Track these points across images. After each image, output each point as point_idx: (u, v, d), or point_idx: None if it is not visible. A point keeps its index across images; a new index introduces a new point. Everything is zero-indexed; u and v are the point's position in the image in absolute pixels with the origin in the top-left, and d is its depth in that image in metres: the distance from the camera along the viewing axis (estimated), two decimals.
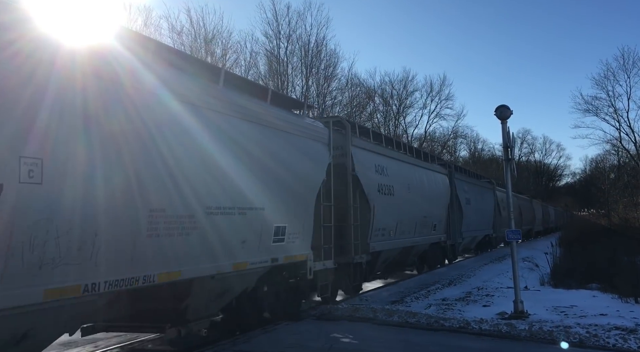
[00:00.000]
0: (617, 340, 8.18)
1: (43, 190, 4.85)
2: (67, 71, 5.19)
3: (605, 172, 58.37)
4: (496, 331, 9.02)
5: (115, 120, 5.71)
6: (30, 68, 4.87)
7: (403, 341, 8.44)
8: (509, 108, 10.86)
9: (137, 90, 6.03)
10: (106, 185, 5.49)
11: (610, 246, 21.75)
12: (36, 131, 4.83)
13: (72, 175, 5.15)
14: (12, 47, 4.74)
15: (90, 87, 5.43)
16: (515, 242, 10.87)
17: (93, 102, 5.44)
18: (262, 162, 8.29)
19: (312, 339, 8.29)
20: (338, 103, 36.07)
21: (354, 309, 10.57)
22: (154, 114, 6.24)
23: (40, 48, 4.99)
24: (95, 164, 5.41)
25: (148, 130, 6.11)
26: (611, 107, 45.62)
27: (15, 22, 4.95)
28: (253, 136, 8.14)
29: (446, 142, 56.49)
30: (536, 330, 8.79)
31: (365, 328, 9.27)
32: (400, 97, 48.38)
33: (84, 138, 5.31)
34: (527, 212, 40.90)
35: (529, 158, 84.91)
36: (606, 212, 49.75)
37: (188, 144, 6.70)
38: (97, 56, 5.61)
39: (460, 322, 9.52)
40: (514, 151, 11.28)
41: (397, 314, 10.20)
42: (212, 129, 7.18)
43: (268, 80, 31.35)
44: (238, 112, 7.81)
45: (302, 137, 9.84)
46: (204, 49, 29.14)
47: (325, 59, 34.12)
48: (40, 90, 4.91)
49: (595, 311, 10.48)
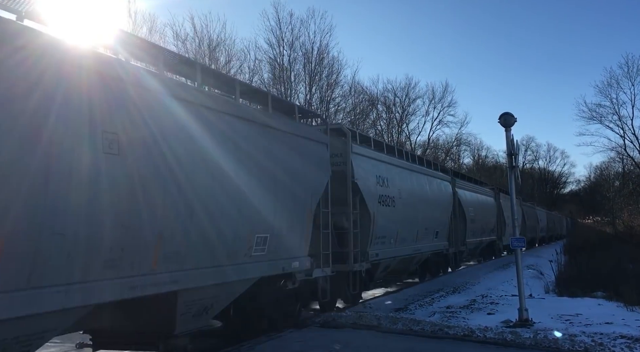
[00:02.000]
0: (622, 349, 8.12)
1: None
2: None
3: (610, 179, 58.29)
4: (501, 339, 8.97)
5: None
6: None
7: (407, 349, 8.41)
8: (512, 115, 10.87)
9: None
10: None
11: (616, 254, 21.68)
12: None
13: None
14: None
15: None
16: (519, 249, 10.84)
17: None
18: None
19: (316, 347, 8.27)
20: (341, 110, 36.17)
21: (358, 317, 10.55)
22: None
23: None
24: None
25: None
26: (615, 115, 45.62)
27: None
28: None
29: (449, 149, 56.53)
30: (541, 338, 8.75)
31: (369, 336, 9.25)
32: (402, 104, 48.50)
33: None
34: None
35: (533, 165, 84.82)
36: (611, 219, 49.65)
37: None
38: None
39: (465, 330, 9.48)
40: (518, 159, 11.26)
41: (401, 321, 10.17)
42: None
43: (271, 87, 31.46)
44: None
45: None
46: (208, 57, 29.29)
47: (328, 66, 34.26)
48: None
49: (600, 319, 10.42)
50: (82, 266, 5.18)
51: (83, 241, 5.17)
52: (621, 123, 45.11)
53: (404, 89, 48.57)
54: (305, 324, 10.14)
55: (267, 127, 8.56)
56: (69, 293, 5.05)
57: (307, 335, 9.18)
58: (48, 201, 4.84)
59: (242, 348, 8.15)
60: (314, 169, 10.08)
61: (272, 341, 8.63)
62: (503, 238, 29.16)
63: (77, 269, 5.13)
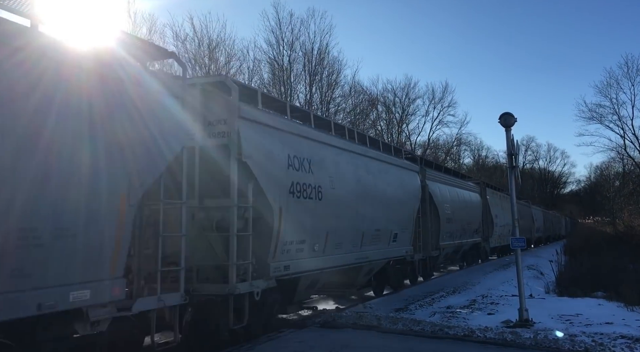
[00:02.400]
0: (623, 349, 8.11)
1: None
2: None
3: (610, 179, 58.24)
4: (501, 339, 8.96)
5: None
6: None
7: (407, 349, 8.40)
8: (513, 116, 10.86)
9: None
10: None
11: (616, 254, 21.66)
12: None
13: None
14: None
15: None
16: (519, 249, 10.83)
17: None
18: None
19: (315, 347, 8.25)
20: (342, 110, 36.15)
21: (358, 317, 10.53)
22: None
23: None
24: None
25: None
26: (615, 115, 45.57)
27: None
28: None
29: (450, 149, 56.49)
30: (541, 339, 8.74)
31: (369, 336, 9.24)
32: (402, 104, 48.47)
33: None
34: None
35: (533, 165, 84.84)
36: (611, 219, 49.62)
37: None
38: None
39: (465, 330, 9.48)
40: (518, 159, 11.26)
41: (401, 321, 10.16)
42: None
43: (271, 88, 31.45)
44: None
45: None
46: (208, 57, 29.29)
47: (328, 66, 34.24)
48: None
49: (600, 319, 10.41)
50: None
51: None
52: (621, 123, 45.13)
53: (404, 89, 48.61)
54: (305, 324, 10.12)
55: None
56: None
57: (307, 335, 9.17)
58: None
59: (241, 348, 8.14)
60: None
61: (271, 341, 8.61)
62: (490, 239, 25.85)
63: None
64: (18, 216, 4.76)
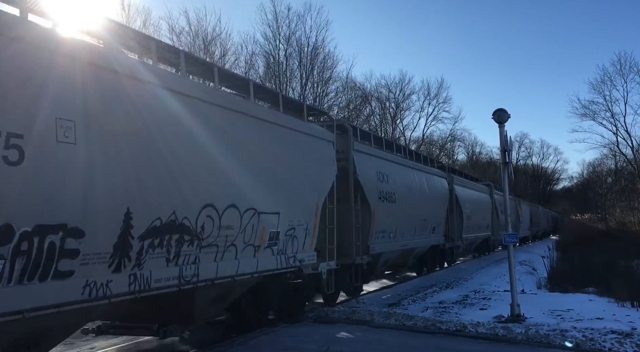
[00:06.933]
0: (613, 344, 8.20)
1: None
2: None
3: (602, 176, 58.53)
4: (492, 334, 9.04)
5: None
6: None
7: (400, 344, 8.45)
8: (506, 112, 10.90)
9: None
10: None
11: (607, 250, 21.83)
12: None
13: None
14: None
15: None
16: (512, 245, 10.89)
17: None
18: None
19: (309, 341, 8.29)
20: (336, 105, 36.07)
21: (351, 312, 10.58)
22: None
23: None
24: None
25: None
26: (608, 112, 45.60)
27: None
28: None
29: (444, 145, 56.54)
30: (532, 334, 8.81)
31: (362, 331, 9.28)
32: (397, 100, 48.42)
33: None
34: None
35: (527, 162, 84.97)
36: (603, 216, 49.95)
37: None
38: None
39: (457, 325, 9.54)
40: (511, 155, 11.31)
41: (394, 316, 10.21)
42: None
43: (266, 82, 31.34)
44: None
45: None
46: (203, 51, 29.11)
47: (323, 61, 34.13)
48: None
49: (591, 314, 10.51)
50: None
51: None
52: (614, 120, 45.11)
53: (398, 85, 48.52)
54: (298, 319, 10.16)
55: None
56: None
57: (300, 330, 9.20)
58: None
59: (234, 343, 8.16)
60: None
61: (265, 336, 8.64)
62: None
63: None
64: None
